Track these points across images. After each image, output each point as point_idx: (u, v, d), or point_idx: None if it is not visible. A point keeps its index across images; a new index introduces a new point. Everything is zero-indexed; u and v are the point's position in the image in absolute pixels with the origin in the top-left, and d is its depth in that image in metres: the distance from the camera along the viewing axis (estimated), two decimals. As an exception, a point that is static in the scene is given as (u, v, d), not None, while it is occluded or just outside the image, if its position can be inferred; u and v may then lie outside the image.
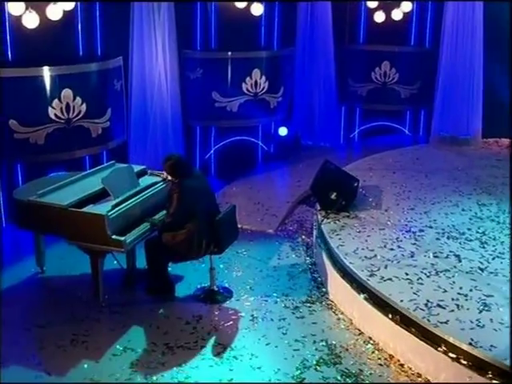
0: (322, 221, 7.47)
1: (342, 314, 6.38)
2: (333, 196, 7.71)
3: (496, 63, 10.43)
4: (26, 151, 8.23)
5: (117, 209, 6.29)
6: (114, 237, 6.11)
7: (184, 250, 6.36)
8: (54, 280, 7.09)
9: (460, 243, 6.94)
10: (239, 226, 7.26)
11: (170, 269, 6.80)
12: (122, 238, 6.11)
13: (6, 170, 8.54)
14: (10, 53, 8.23)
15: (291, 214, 8.94)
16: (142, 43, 9.15)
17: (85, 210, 6.24)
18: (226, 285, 6.92)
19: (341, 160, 9.87)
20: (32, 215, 6.51)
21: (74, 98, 8.32)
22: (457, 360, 5.10)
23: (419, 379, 5.37)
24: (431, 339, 5.33)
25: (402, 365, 5.54)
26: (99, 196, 6.58)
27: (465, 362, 5.06)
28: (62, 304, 6.53)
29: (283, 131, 11.04)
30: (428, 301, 5.70)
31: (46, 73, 8.13)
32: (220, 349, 5.79)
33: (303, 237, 8.18)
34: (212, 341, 5.92)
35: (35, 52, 8.26)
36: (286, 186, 9.91)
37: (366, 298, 6.06)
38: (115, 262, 6.87)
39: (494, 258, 6.55)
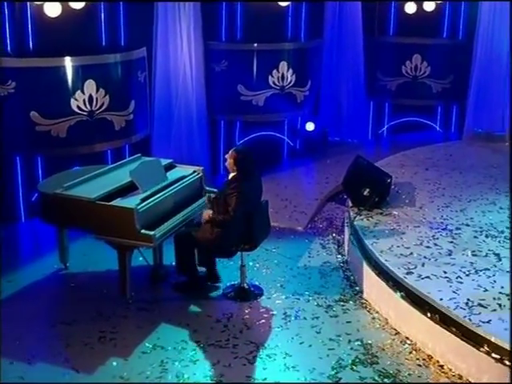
0: (355, 218, 7.51)
1: (377, 312, 6.41)
2: (365, 192, 7.75)
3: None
4: (47, 144, 8.33)
5: (146, 202, 6.36)
6: (142, 231, 6.17)
7: (220, 246, 6.44)
8: (77, 276, 7.17)
9: (499, 242, 6.96)
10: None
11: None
12: (152, 233, 6.18)
13: (26, 164, 8.66)
14: (31, 42, 8.33)
15: (320, 212, 9.00)
16: (166, 34, 9.21)
17: (113, 203, 6.31)
18: (256, 282, 6.98)
19: (369, 157, 9.81)
20: (58, 209, 6.58)
21: (98, 90, 8.40)
22: (500, 361, 5.12)
23: (460, 381, 5.40)
24: (473, 339, 5.35)
25: (441, 366, 5.57)
26: (126, 189, 6.65)
27: (509, 363, 5.08)
28: (87, 301, 6.60)
29: (310, 126, 11.07)
30: (468, 300, 5.72)
31: (69, 63, 8.21)
32: (253, 347, 5.84)
33: (333, 234, 8.24)
34: (244, 339, 5.97)
35: (57, 42, 8.36)
36: (313, 182, 9.95)
37: (402, 297, 6.09)
38: (141, 258, 6.97)
39: (536, 257, 6.56)
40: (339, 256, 7.64)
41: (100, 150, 8.78)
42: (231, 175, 6.50)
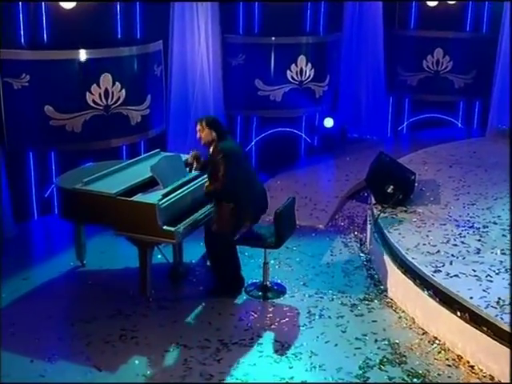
0: (379, 215, 7.57)
1: (403, 312, 6.47)
2: (389, 189, 7.80)
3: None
4: (61, 139, 8.39)
5: (167, 198, 6.44)
6: (164, 227, 6.25)
7: (239, 220, 6.46)
8: (95, 274, 7.26)
9: (528, 240, 7.02)
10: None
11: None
12: (173, 229, 6.26)
13: (39, 160, 8.75)
14: (45, 35, 8.42)
15: (341, 209, 9.07)
16: (183, 27, 9.29)
17: (134, 198, 6.39)
18: (278, 281, 7.06)
19: (389, 154, 9.91)
20: (77, 204, 6.67)
21: (114, 84, 8.47)
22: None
23: (491, 381, 5.45)
24: (505, 339, 5.40)
25: (472, 366, 5.62)
26: (147, 185, 6.75)
27: (543, 363, 5.14)
28: (106, 299, 6.69)
29: (329, 122, 11.12)
30: (499, 298, 5.77)
31: (83, 56, 8.26)
32: (278, 346, 5.92)
33: (355, 232, 8.31)
34: (268, 338, 6.05)
35: (72, 34, 8.44)
36: (333, 180, 10.01)
37: (430, 295, 6.15)
38: (160, 255, 7.05)
39: None
40: (362, 254, 7.71)
41: (116, 145, 8.86)
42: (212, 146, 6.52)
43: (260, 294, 6.79)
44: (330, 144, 11.33)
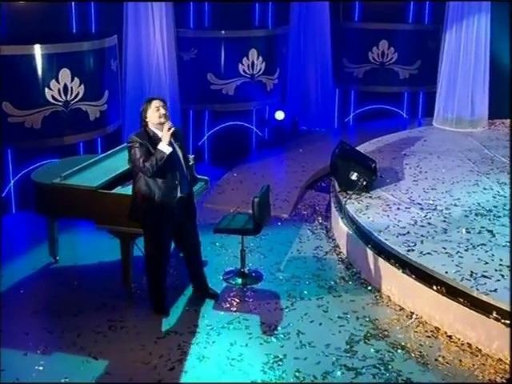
0: (346, 201, 8.16)
1: (379, 291, 7.06)
2: (353, 176, 8.40)
3: (504, 40, 11.27)
4: (20, 136, 8.62)
5: (149, 189, 6.80)
6: (148, 218, 6.62)
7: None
8: (71, 270, 7.54)
9: (489, 219, 7.72)
10: (250, 211, 7.87)
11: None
12: (157, 219, 6.63)
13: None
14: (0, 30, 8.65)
15: (302, 199, 9.63)
16: (137, 21, 9.65)
17: (116, 191, 6.74)
18: (254, 267, 7.55)
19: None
20: (55, 199, 6.97)
21: (73, 79, 8.77)
22: (511, 326, 5.84)
23: (469, 349, 6.10)
24: (482, 307, 6.06)
25: (450, 336, 6.24)
26: (122, 178, 7.09)
27: (518, 327, 5.81)
28: (88, 293, 7.01)
29: (280, 115, 11.65)
30: (472, 272, 6.43)
31: (40, 51, 8.51)
32: (265, 328, 6.40)
33: (320, 220, 8.87)
34: (255, 321, 6.52)
35: (27, 29, 8.69)
36: (290, 171, 10.55)
37: (406, 273, 6.76)
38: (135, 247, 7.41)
39: (527, 232, 7.36)
40: (330, 240, 8.28)
41: (75, 141, 9.16)
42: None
43: (239, 280, 7.26)
44: (282, 136, 11.89)
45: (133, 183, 6.43)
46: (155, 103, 6.33)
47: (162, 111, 6.30)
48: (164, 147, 6.15)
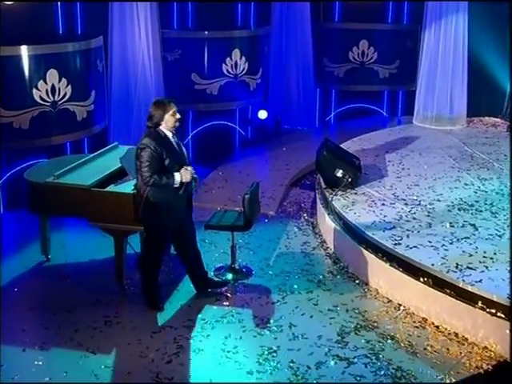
0: (332, 198, 8.38)
1: (367, 284, 7.30)
2: (339, 173, 8.64)
3: (482, 40, 11.59)
4: (8, 136, 8.72)
5: (141, 187, 6.97)
6: (141, 216, 6.80)
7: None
8: (63, 268, 7.69)
9: (472, 214, 8.01)
10: (238, 209, 8.08)
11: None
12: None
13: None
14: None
15: (287, 196, 9.84)
16: (123, 21, 9.79)
17: (110, 189, 6.91)
18: (243, 263, 7.74)
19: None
20: (48, 198, 7.11)
21: (60, 80, 8.90)
22: (496, 314, 6.09)
23: (456, 338, 6.35)
24: (467, 298, 6.32)
25: (437, 326, 6.49)
26: (114, 177, 7.26)
27: (503, 316, 6.06)
28: (81, 290, 7.15)
29: (263, 114, 11.87)
30: (458, 264, 6.69)
31: (26, 52, 8.63)
32: (258, 321, 6.60)
33: (306, 217, 9.09)
34: (247, 314, 6.72)
35: (14, 30, 8.80)
36: (274, 169, 10.76)
37: (393, 266, 7.00)
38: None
39: (508, 226, 7.62)
40: (317, 236, 8.50)
41: (63, 141, 9.29)
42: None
43: (230, 276, 7.45)
44: (265, 135, 12.10)
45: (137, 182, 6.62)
46: (173, 107, 6.58)
47: (178, 116, 6.60)
48: (178, 180, 6.44)
